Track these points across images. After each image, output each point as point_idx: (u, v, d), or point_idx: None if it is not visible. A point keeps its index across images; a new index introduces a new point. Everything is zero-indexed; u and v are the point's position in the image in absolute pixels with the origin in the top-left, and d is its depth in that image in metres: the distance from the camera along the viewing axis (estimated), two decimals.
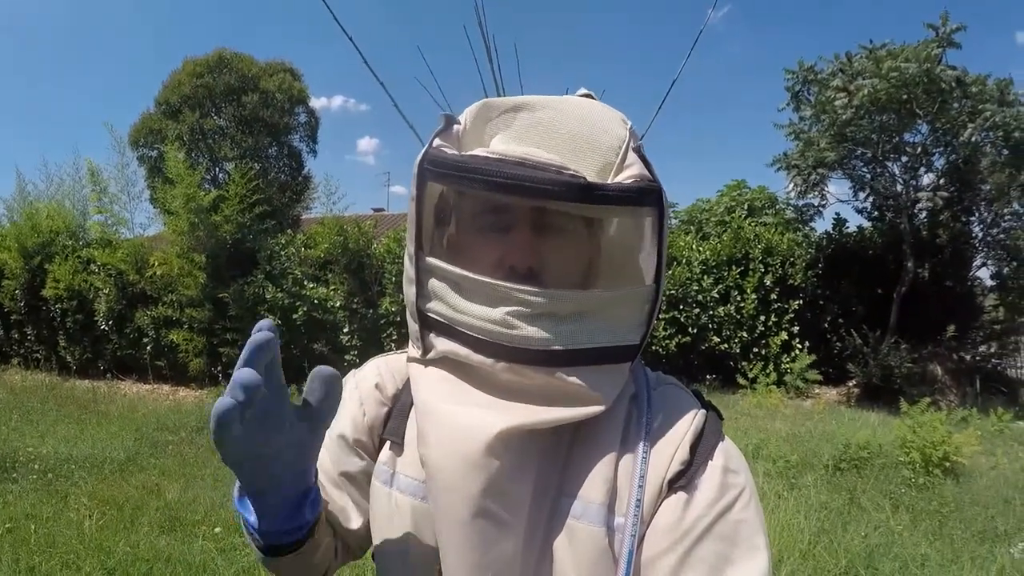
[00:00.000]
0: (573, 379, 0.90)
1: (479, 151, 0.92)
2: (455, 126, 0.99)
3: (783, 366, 12.19)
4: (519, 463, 0.90)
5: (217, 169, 19.92)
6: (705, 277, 12.61)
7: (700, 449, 0.93)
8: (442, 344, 0.97)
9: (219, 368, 12.14)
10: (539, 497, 0.91)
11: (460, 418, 0.91)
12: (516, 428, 0.89)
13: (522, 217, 0.95)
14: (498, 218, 0.96)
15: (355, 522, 1.10)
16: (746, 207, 17.51)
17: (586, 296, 0.93)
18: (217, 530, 5.42)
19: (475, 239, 0.99)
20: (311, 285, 11.86)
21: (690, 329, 12.31)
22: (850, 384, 12.59)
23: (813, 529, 5.46)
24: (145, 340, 12.67)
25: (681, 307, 12.33)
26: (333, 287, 11.91)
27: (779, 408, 10.54)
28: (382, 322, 11.79)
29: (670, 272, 12.37)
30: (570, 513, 0.91)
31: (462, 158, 0.90)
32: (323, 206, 13.19)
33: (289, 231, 13.55)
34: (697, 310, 12.37)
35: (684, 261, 12.71)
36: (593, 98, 1.06)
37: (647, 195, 0.90)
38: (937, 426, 7.10)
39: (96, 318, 13.03)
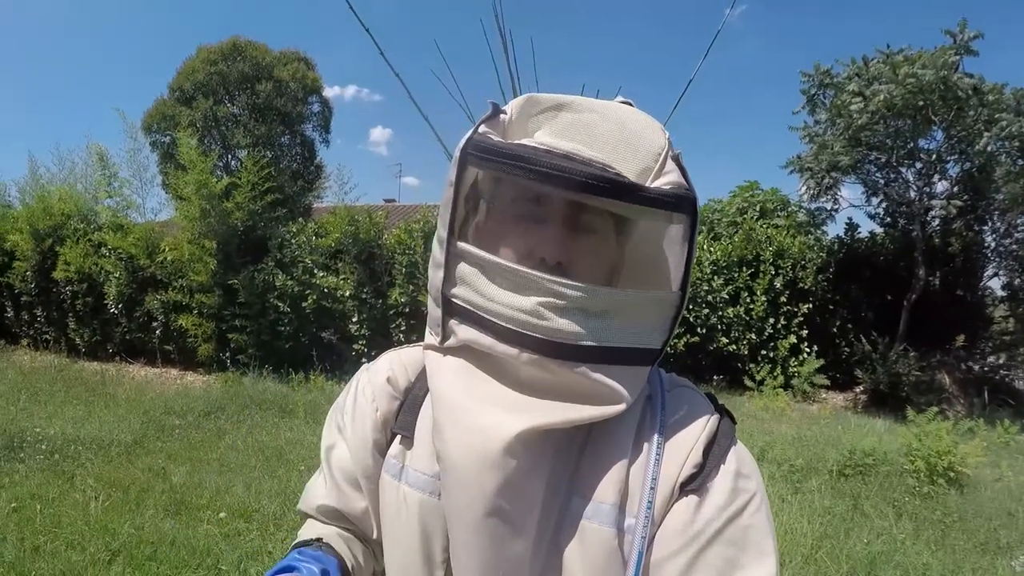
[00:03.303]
0: (598, 376, 0.90)
1: (526, 141, 0.92)
2: (502, 115, 0.99)
3: (791, 369, 12.18)
4: (533, 462, 0.90)
5: (230, 156, 19.98)
6: (715, 277, 12.59)
7: (713, 453, 0.94)
8: (464, 332, 0.97)
9: (227, 354, 12.18)
10: (551, 497, 0.91)
11: (479, 416, 0.91)
12: (535, 428, 0.89)
13: (558, 211, 0.95)
14: (535, 209, 0.96)
15: (378, 531, 1.11)
16: (758, 209, 17.45)
17: (618, 295, 0.93)
18: (222, 515, 5.46)
19: (508, 227, 0.99)
20: (321, 274, 11.87)
21: (699, 329, 12.28)
22: (857, 390, 12.56)
23: (816, 534, 5.49)
24: (154, 324, 12.74)
25: (691, 307, 12.27)
26: (343, 276, 11.93)
27: (785, 411, 10.55)
28: (391, 312, 11.81)
29: None
30: (582, 514, 0.91)
31: (512, 145, 0.90)
32: (335, 195, 13.24)
33: (300, 219, 13.59)
34: (707, 310, 12.35)
35: (695, 261, 12.60)
36: (632, 105, 1.06)
37: (684, 202, 0.90)
38: (943, 435, 7.09)
39: (106, 301, 13.09)
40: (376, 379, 1.12)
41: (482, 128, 0.94)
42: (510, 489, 0.88)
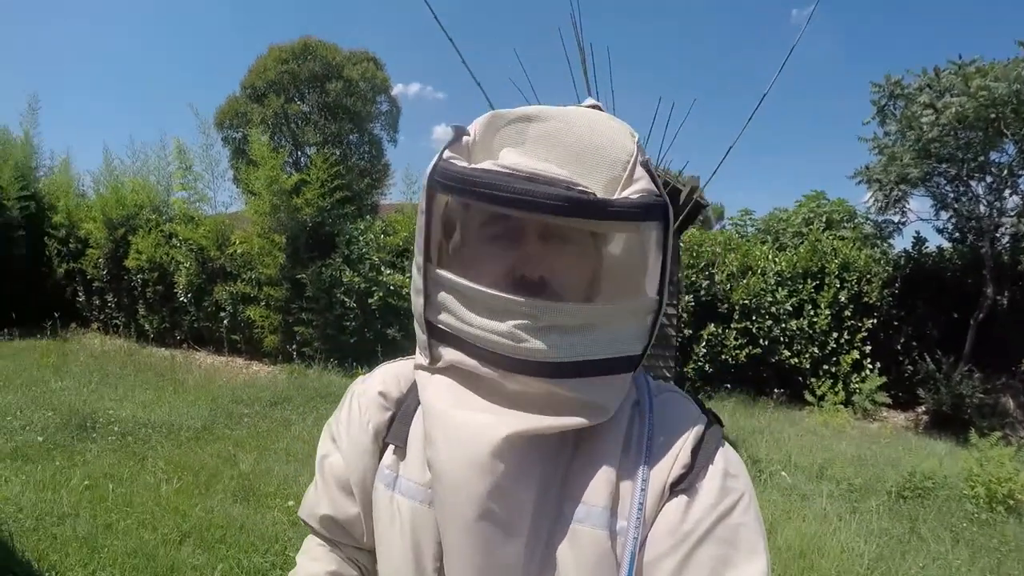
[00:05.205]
0: (578, 391, 0.93)
1: (488, 164, 0.92)
2: (464, 137, 1.00)
3: (852, 386, 11.97)
4: (523, 467, 0.92)
5: (299, 153, 20.34)
6: (780, 289, 12.47)
7: (701, 454, 0.96)
8: (450, 354, 1.00)
9: (293, 346, 12.43)
10: (542, 501, 0.94)
11: (467, 422, 0.94)
12: (522, 432, 0.92)
13: (531, 227, 0.97)
14: (507, 228, 0.98)
15: (367, 536, 1.13)
16: (824, 220, 17.23)
17: (591, 309, 0.95)
18: (290, 503, 5.56)
19: (484, 249, 1.00)
20: (388, 271, 11.98)
21: (761, 341, 12.18)
22: (919, 410, 12.26)
23: (872, 555, 5.45)
24: (222, 314, 13.04)
25: (754, 318, 12.23)
26: (409, 275, 11.95)
27: (845, 429, 10.39)
28: None
29: (745, 281, 12.35)
30: (573, 517, 0.93)
31: (473, 171, 0.91)
32: (402, 194, 13.35)
33: (368, 217, 13.75)
34: (769, 322, 12.23)
35: (759, 271, 12.61)
36: (601, 109, 1.07)
37: (653, 210, 0.92)
38: (1005, 462, 6.96)
39: (176, 290, 13.48)
40: (369, 391, 1.15)
41: (446, 154, 0.96)
42: (500, 493, 0.91)
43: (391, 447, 1.08)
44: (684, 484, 0.94)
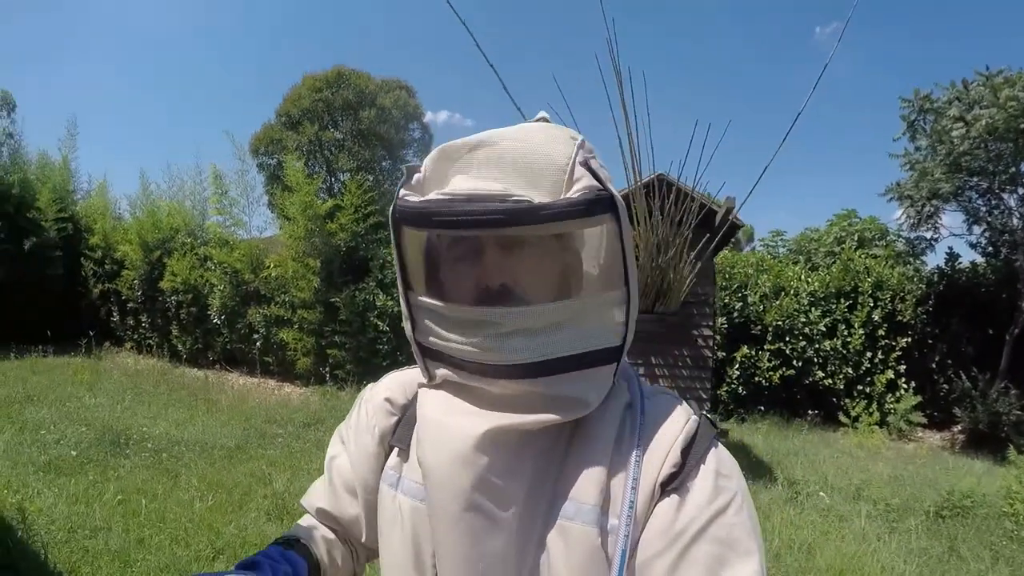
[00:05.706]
0: (555, 387, 0.97)
1: (434, 194, 0.97)
2: (416, 175, 1.03)
3: (887, 406, 11.84)
4: (511, 463, 0.96)
5: (333, 179, 20.57)
6: (813, 309, 12.41)
7: (692, 453, 0.98)
8: (441, 371, 1.05)
9: (326, 368, 12.52)
10: (533, 497, 0.96)
11: (452, 421, 0.99)
12: (503, 428, 0.95)
13: (487, 241, 1.00)
14: (467, 247, 1.02)
15: (366, 535, 1.20)
16: (856, 238, 17.10)
17: (554, 308, 0.97)
18: None
19: (453, 269, 1.04)
20: None
21: (795, 362, 12.13)
22: (955, 429, 12.06)
23: (912, 574, 5.42)
24: (256, 336, 13.16)
25: (787, 339, 12.19)
26: None
27: (880, 450, 10.30)
28: None
29: (778, 302, 12.31)
30: (563, 514, 0.95)
31: (419, 203, 0.96)
32: None
33: None
34: (803, 343, 12.17)
35: (792, 292, 12.56)
36: (548, 121, 1.10)
37: (595, 205, 0.93)
38: None
39: (209, 312, 13.64)
40: (376, 398, 1.20)
41: (401, 192, 1.01)
42: (486, 486, 0.94)
43: (395, 449, 1.14)
44: (675, 483, 0.95)
